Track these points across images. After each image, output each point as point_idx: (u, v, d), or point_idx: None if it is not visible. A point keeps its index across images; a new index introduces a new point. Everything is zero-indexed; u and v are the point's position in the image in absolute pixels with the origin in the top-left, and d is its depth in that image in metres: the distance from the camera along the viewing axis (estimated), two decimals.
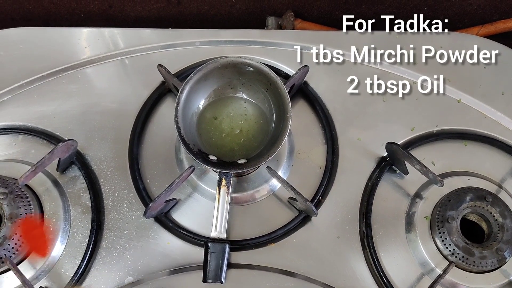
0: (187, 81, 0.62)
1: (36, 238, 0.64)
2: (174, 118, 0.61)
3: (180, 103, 0.62)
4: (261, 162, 0.60)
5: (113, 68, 0.78)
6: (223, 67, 0.63)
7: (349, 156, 0.71)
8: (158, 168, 0.70)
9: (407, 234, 0.67)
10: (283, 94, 0.61)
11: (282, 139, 0.59)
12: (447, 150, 0.72)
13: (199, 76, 0.62)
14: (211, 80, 0.65)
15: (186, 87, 0.62)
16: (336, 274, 0.64)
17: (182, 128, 0.61)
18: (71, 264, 0.63)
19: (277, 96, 0.62)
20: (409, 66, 0.78)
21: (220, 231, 0.60)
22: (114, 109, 0.73)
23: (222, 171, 0.60)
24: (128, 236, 0.66)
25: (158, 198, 0.59)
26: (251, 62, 0.63)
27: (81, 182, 0.68)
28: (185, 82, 0.62)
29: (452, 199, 0.66)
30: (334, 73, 0.78)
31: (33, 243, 0.63)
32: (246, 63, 0.63)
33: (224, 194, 0.60)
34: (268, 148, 0.62)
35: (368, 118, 0.74)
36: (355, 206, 0.68)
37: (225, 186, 0.61)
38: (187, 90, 0.62)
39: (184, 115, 0.62)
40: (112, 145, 0.71)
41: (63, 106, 0.73)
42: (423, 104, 0.75)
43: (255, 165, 0.60)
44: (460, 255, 0.63)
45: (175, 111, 0.61)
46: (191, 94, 0.63)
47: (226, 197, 0.60)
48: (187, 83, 0.62)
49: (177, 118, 0.61)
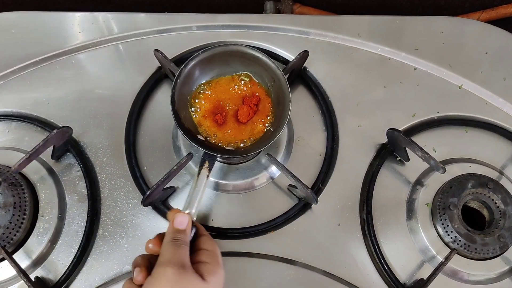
0: (192, 58, 0.61)
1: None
2: (171, 89, 0.60)
3: (181, 76, 0.60)
4: (247, 153, 0.60)
5: (107, 53, 0.76)
6: (232, 54, 0.62)
7: (349, 143, 0.70)
8: (155, 155, 0.69)
9: (408, 222, 0.67)
10: (286, 92, 0.60)
11: (275, 135, 0.59)
12: (448, 137, 0.72)
13: (206, 56, 0.61)
14: (214, 65, 0.64)
15: (190, 63, 0.61)
16: (337, 262, 0.63)
17: (177, 102, 0.60)
18: (67, 254, 0.63)
19: (279, 93, 0.62)
20: (410, 51, 0.77)
21: (190, 213, 0.54)
22: (110, 96, 0.72)
23: (207, 152, 0.58)
24: (125, 224, 0.65)
25: (157, 185, 0.59)
26: (260, 56, 0.62)
27: (77, 170, 0.67)
28: (190, 58, 0.61)
29: (454, 186, 0.65)
30: (334, 59, 0.77)
31: None
32: (255, 56, 0.62)
33: (204, 175, 0.58)
34: (260, 142, 0.61)
35: (368, 105, 0.73)
36: (355, 193, 0.67)
37: (207, 168, 0.58)
38: (191, 66, 0.61)
39: (181, 93, 0.61)
40: (108, 132, 0.70)
41: (57, 92, 0.72)
42: (424, 90, 0.75)
43: (241, 155, 0.60)
44: (462, 242, 0.62)
45: (174, 83, 0.60)
46: (191, 74, 0.62)
47: (205, 180, 0.57)
48: (193, 59, 0.61)
49: (174, 90, 0.60)
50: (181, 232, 0.51)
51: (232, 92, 0.64)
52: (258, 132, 0.63)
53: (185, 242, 0.50)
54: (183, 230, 0.51)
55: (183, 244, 0.49)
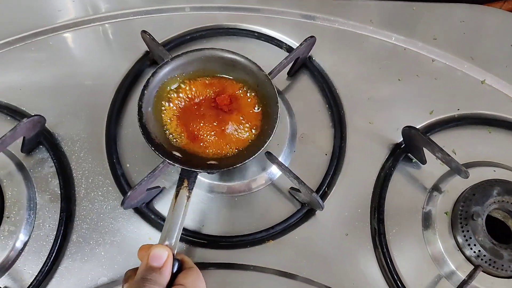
0: (162, 65, 0.57)
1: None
2: (138, 101, 0.55)
3: (149, 87, 0.56)
4: (233, 165, 0.53)
5: (90, 35, 0.72)
6: (209, 59, 0.59)
7: (359, 141, 0.67)
8: (139, 151, 0.65)
9: (424, 232, 0.62)
10: (272, 94, 0.56)
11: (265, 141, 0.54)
12: (469, 137, 0.68)
13: (177, 64, 0.58)
14: (190, 69, 0.59)
15: (160, 71, 0.57)
16: (343, 277, 0.59)
17: (145, 114, 0.55)
18: (36, 261, 0.58)
19: (265, 95, 0.58)
20: (427, 41, 0.74)
21: (170, 244, 0.47)
22: (90, 82, 0.68)
23: (185, 169, 0.52)
24: (102, 229, 0.60)
25: (139, 185, 0.55)
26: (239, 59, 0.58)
27: (50, 166, 0.63)
28: (159, 65, 0.57)
29: (478, 193, 0.60)
30: (343, 47, 0.73)
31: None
32: (233, 59, 0.58)
33: (184, 197, 0.50)
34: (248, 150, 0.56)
35: (380, 99, 0.70)
36: (365, 199, 0.63)
37: (187, 188, 0.51)
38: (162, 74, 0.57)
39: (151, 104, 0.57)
40: (86, 123, 0.66)
41: (31, 77, 0.68)
42: (443, 85, 0.71)
43: (226, 168, 0.54)
44: (487, 257, 0.57)
45: (141, 94, 0.55)
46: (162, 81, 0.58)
47: (186, 202, 0.50)
48: (163, 66, 0.57)
49: (141, 102, 0.55)
50: (155, 271, 0.43)
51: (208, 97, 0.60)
52: (243, 141, 0.58)
53: (159, 284, 0.42)
54: (157, 268, 0.43)
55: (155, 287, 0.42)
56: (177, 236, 0.48)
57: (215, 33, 0.72)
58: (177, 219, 0.49)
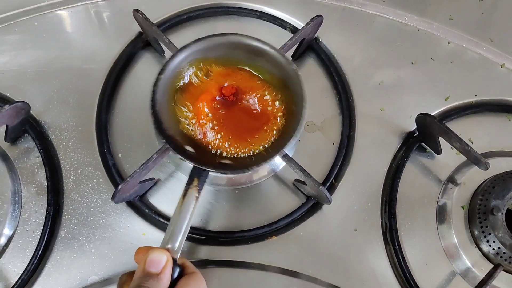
0: (182, 48, 0.54)
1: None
2: (153, 86, 0.52)
3: (165, 71, 0.53)
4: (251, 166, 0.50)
5: (79, 14, 0.69)
6: (232, 45, 0.55)
7: (369, 130, 0.65)
8: (132, 140, 0.63)
9: (438, 227, 0.60)
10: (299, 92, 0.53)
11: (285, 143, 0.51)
12: (487, 125, 0.66)
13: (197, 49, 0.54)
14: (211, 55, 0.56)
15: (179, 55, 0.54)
16: (352, 275, 0.57)
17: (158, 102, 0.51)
18: (21, 259, 0.56)
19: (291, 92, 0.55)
20: (442, 21, 0.72)
21: (173, 248, 0.45)
22: (79, 66, 0.66)
23: (197, 167, 0.49)
24: (93, 224, 0.58)
25: (131, 178, 0.52)
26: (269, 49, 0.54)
27: (36, 156, 0.61)
28: (179, 48, 0.54)
29: (497, 185, 0.57)
30: (352, 27, 0.70)
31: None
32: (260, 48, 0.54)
33: (192, 197, 0.48)
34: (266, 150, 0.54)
35: (392, 84, 0.67)
36: (376, 191, 0.62)
37: (196, 188, 0.48)
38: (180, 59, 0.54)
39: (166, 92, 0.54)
40: (75, 110, 0.63)
41: (15, 60, 0.66)
42: (459, 69, 0.69)
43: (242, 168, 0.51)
44: (507, 255, 0.55)
45: (156, 79, 0.52)
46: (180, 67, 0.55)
47: (194, 203, 0.47)
48: (182, 50, 0.53)
49: (156, 87, 0.52)
50: (153, 277, 0.40)
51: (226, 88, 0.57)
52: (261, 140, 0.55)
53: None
54: (155, 275, 0.40)
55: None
56: (182, 240, 0.45)
57: (214, 12, 0.69)
58: (183, 221, 0.46)
